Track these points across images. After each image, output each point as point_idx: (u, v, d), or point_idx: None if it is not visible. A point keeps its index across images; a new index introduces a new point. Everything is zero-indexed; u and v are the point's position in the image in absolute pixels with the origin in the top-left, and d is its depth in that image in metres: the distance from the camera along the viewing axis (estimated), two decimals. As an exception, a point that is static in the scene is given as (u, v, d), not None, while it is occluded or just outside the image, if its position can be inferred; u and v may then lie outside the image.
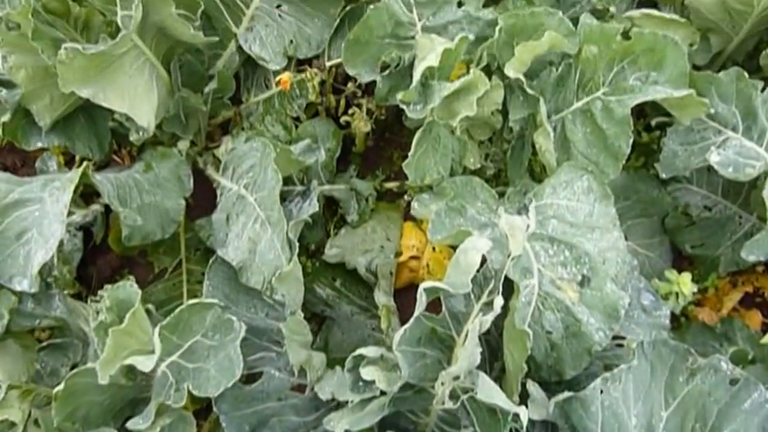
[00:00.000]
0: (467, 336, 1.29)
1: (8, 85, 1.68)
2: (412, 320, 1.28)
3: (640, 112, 1.84)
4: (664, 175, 1.68)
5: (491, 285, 1.33)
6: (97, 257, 1.97)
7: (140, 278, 1.89)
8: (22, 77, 1.59)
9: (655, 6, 1.84)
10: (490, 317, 1.22)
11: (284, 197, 1.62)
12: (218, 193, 1.73)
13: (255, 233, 1.53)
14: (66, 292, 1.68)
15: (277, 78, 1.79)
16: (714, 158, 1.55)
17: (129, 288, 1.39)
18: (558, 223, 1.43)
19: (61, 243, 1.62)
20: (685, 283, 1.58)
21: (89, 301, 1.69)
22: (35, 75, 1.59)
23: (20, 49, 1.53)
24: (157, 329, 1.32)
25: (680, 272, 1.61)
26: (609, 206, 1.45)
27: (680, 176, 1.78)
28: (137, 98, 1.58)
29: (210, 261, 1.61)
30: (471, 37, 1.53)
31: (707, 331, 1.70)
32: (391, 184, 1.94)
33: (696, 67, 1.79)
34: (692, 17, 1.80)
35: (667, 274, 1.60)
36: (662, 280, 1.60)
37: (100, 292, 1.64)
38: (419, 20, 1.66)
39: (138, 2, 1.41)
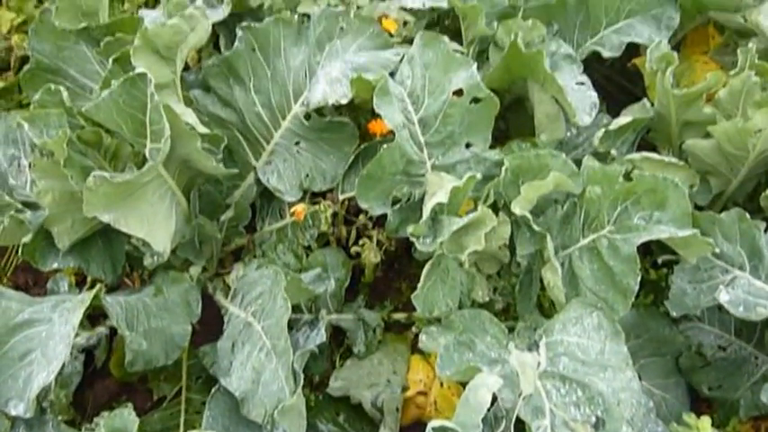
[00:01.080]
0: (477, 481, 1.22)
1: (33, 206, 1.75)
2: (419, 462, 1.22)
3: (646, 249, 1.86)
4: (674, 314, 1.66)
5: (502, 426, 1.28)
6: (95, 382, 1.93)
7: (138, 405, 1.83)
8: (48, 201, 1.64)
9: (654, 150, 1.93)
10: (501, 460, 1.16)
11: (291, 326, 1.61)
12: (226, 319, 1.73)
13: (260, 363, 1.50)
14: (60, 417, 1.62)
15: (292, 210, 1.85)
16: (724, 297, 1.54)
17: (126, 416, 1.35)
18: (570, 361, 1.40)
19: (62, 366, 1.59)
20: (705, 428, 1.50)
21: (83, 428, 1.63)
22: (61, 199, 1.65)
23: (50, 174, 1.60)
24: (151, 463, 1.26)
25: (698, 415, 1.54)
26: (620, 344, 1.43)
27: (691, 315, 1.76)
28: (156, 224, 1.63)
29: (213, 390, 1.56)
30: (479, 176, 1.59)
31: (733, 483, 1.59)
32: (399, 316, 1.93)
33: (698, 208, 1.84)
34: (691, 160, 1.88)
35: (686, 418, 1.53)
36: (680, 424, 1.53)
37: (96, 419, 1.59)
38: (429, 159, 1.75)
39: (167, 136, 1.50)
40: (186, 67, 2.00)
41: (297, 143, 1.93)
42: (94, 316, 1.82)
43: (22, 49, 2.37)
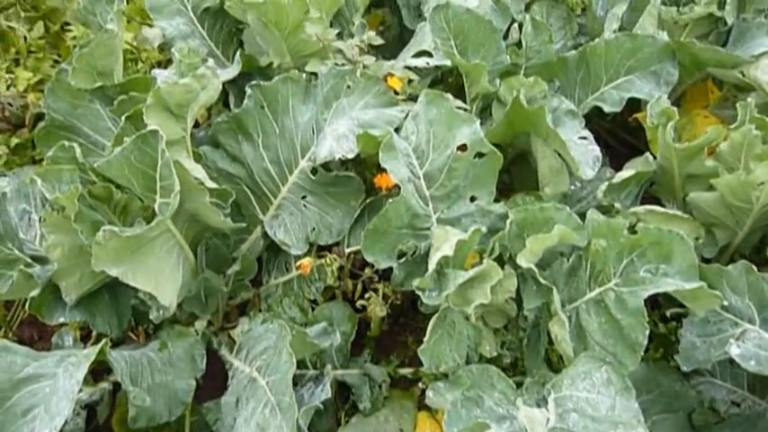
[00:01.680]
0: None
1: (41, 261, 1.77)
2: None
3: (654, 302, 1.85)
4: (685, 368, 1.63)
5: (511, 485, 1.24)
6: (96, 439, 1.89)
7: (138, 465, 1.79)
8: (57, 255, 1.66)
9: (658, 203, 1.94)
10: None
11: (296, 382, 1.58)
12: (230, 375, 1.71)
13: (264, 419, 1.47)
14: (59, 477, 1.59)
15: (298, 263, 1.86)
16: (734, 351, 1.52)
17: (127, 476, 1.32)
18: (580, 417, 1.37)
19: (64, 422, 1.57)
20: (723, 489, 1.46)
21: (82, 488, 1.59)
22: (70, 253, 1.66)
23: (61, 229, 1.63)
24: None
25: (715, 476, 1.49)
26: (630, 400, 1.40)
27: (702, 369, 1.73)
28: (163, 278, 1.64)
29: (215, 449, 1.54)
30: (484, 229, 1.60)
31: None
32: (405, 371, 1.90)
33: (705, 260, 1.83)
34: (695, 213, 1.89)
35: (702, 479, 1.49)
36: (697, 485, 1.48)
37: (96, 480, 1.55)
38: (434, 212, 1.76)
39: (176, 191, 1.53)
40: (196, 124, 2.05)
41: (304, 197, 1.96)
42: (97, 371, 1.80)
43: (38, 107, 2.45)
